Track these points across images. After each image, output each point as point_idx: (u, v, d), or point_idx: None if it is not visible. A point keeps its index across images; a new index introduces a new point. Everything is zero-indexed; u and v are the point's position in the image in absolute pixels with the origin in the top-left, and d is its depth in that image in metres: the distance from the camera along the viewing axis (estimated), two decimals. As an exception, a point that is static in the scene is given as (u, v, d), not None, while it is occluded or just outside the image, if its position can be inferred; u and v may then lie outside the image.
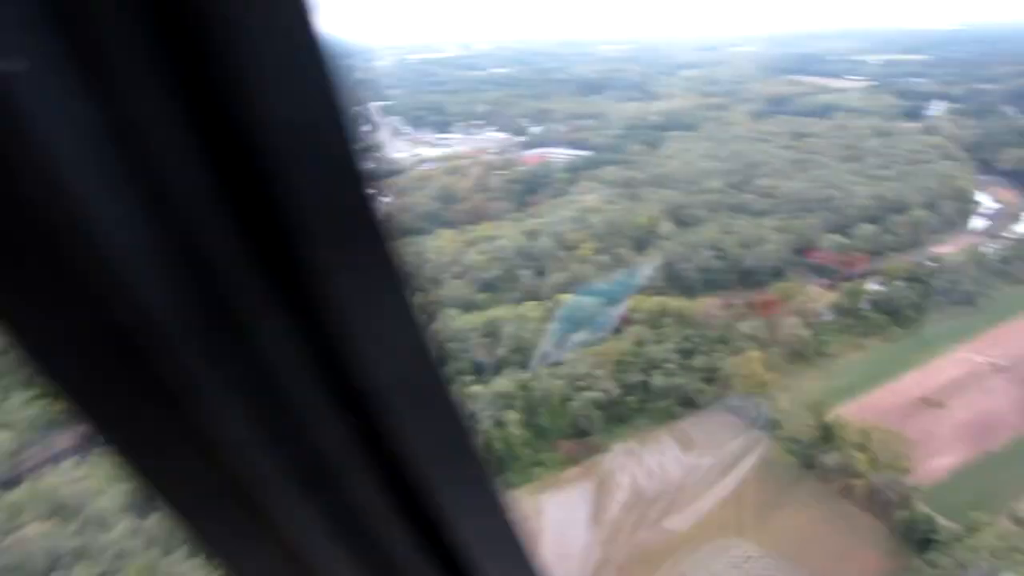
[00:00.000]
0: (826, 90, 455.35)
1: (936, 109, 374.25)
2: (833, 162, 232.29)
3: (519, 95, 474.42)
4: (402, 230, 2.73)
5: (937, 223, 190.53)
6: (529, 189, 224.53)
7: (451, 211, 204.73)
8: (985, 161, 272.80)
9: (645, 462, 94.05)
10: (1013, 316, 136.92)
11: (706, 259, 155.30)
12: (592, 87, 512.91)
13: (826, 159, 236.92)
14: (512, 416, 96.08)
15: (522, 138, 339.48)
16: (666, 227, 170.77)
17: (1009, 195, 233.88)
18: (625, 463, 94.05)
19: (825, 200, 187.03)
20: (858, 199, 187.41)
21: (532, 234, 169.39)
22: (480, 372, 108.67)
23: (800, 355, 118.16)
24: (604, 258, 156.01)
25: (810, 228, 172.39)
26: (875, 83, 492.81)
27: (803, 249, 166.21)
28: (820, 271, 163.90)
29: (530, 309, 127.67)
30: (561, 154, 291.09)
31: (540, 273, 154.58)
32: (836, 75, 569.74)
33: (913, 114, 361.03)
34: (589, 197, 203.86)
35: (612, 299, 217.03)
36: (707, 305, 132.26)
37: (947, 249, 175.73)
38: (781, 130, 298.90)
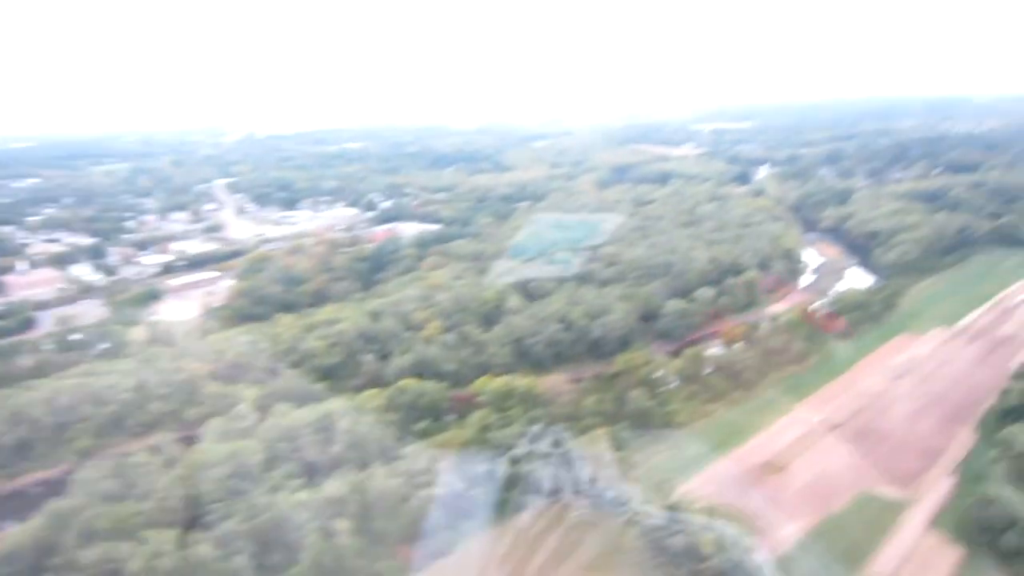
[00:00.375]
0: (665, 158, 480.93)
1: (763, 173, 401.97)
2: (673, 227, 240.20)
3: (371, 170, 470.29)
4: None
5: (770, 282, 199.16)
6: (376, 267, 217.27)
7: (293, 294, 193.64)
8: (808, 220, 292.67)
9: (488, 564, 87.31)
10: (843, 370, 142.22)
11: (554, 332, 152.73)
12: (445, 160, 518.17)
13: (666, 224, 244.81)
14: (343, 524, 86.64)
15: (372, 213, 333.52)
16: (514, 301, 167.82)
17: (832, 251, 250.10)
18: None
19: (666, 265, 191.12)
20: (697, 263, 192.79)
21: (376, 315, 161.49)
22: (310, 475, 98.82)
23: (646, 427, 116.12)
24: (450, 337, 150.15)
25: (653, 294, 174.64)
26: (708, 150, 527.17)
27: (643, 317, 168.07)
28: (665, 336, 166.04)
29: (369, 398, 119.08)
30: (411, 229, 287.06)
31: (384, 357, 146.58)
32: (674, 143, 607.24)
33: (743, 178, 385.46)
34: (437, 273, 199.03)
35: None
36: (555, 381, 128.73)
37: (781, 307, 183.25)
38: (624, 198, 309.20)
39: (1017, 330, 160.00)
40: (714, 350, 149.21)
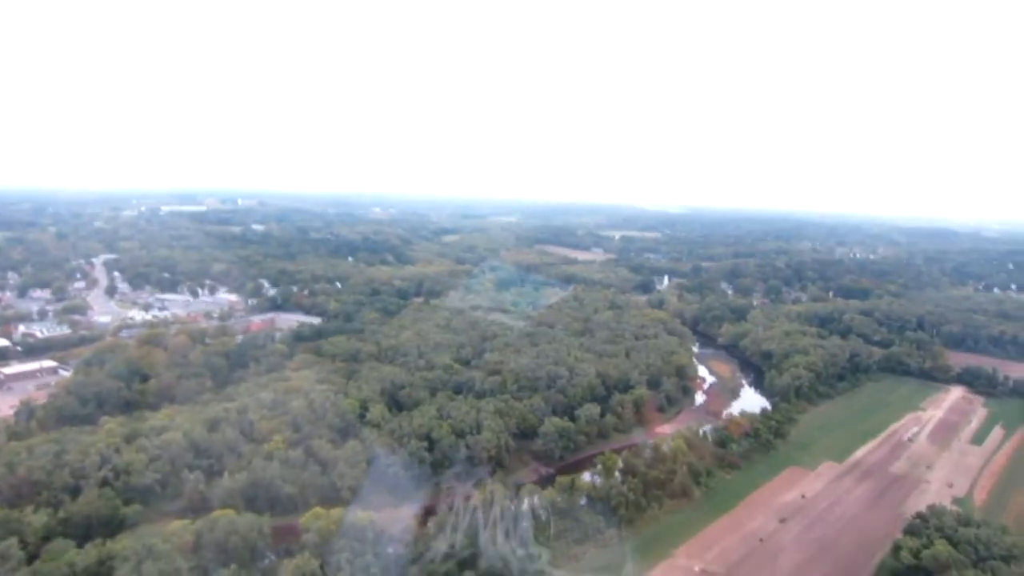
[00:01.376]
0: (572, 261, 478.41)
1: (665, 284, 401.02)
2: (565, 335, 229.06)
3: (268, 254, 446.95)
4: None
5: (660, 400, 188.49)
6: (238, 363, 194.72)
7: (133, 391, 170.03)
8: (705, 335, 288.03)
9: None
10: (730, 507, 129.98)
11: (415, 450, 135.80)
12: (348, 249, 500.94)
13: (559, 331, 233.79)
14: None
15: (255, 301, 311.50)
16: (378, 411, 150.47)
17: (726, 368, 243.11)
18: None
19: (551, 378, 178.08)
20: (584, 377, 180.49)
21: (215, 423, 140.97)
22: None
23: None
24: (296, 453, 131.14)
25: (533, 410, 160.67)
26: (615, 256, 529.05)
27: (522, 434, 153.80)
28: (542, 457, 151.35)
29: (175, 533, 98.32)
30: (291, 320, 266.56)
31: (214, 474, 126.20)
32: (583, 247, 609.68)
33: (645, 287, 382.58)
34: (302, 373, 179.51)
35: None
36: (402, 515, 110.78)
37: (669, 429, 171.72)
38: (521, 300, 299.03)
39: (908, 469, 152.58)
40: (592, 478, 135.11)
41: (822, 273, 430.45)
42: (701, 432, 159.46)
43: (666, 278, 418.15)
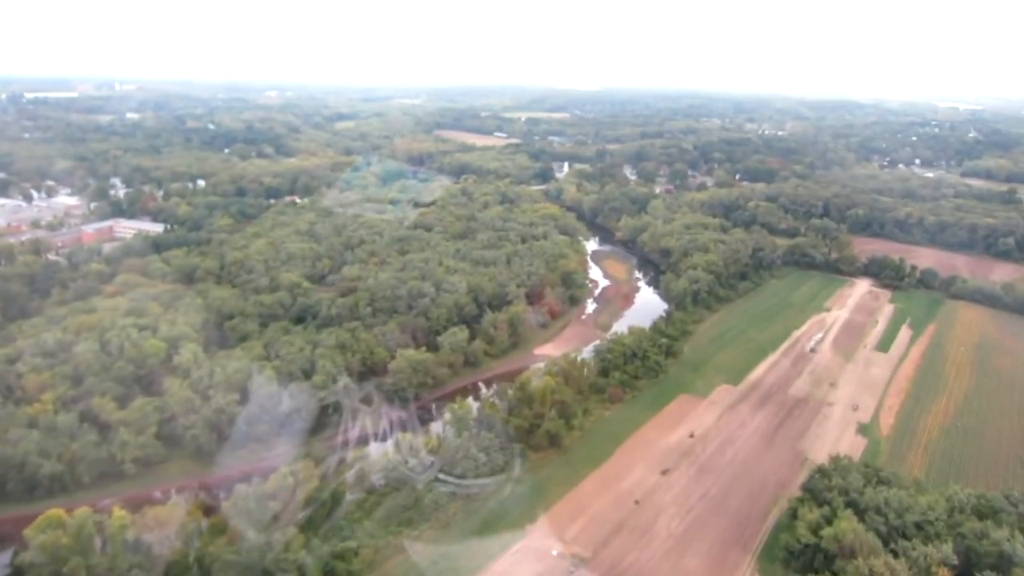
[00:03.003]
0: (470, 148, 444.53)
1: (565, 171, 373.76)
2: (443, 239, 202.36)
3: (131, 147, 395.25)
4: None
5: (541, 316, 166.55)
6: (40, 289, 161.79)
7: None
8: (603, 228, 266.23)
9: None
10: (604, 458, 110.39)
11: (225, 406, 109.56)
12: (224, 140, 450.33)
13: (436, 235, 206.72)
14: None
15: (97, 205, 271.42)
16: (189, 353, 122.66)
17: (622, 269, 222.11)
18: None
19: (413, 298, 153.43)
20: (452, 294, 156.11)
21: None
22: None
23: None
24: (68, 417, 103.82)
25: (386, 339, 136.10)
26: (517, 141, 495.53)
27: (370, 372, 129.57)
28: (393, 398, 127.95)
29: None
30: (130, 229, 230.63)
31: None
32: (486, 132, 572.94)
33: (543, 176, 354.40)
34: (113, 303, 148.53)
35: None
36: (169, 513, 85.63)
37: (551, 350, 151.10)
38: (403, 197, 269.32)
39: (810, 389, 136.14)
40: (444, 430, 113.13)
41: (729, 154, 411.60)
42: (580, 359, 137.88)
43: (566, 165, 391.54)
